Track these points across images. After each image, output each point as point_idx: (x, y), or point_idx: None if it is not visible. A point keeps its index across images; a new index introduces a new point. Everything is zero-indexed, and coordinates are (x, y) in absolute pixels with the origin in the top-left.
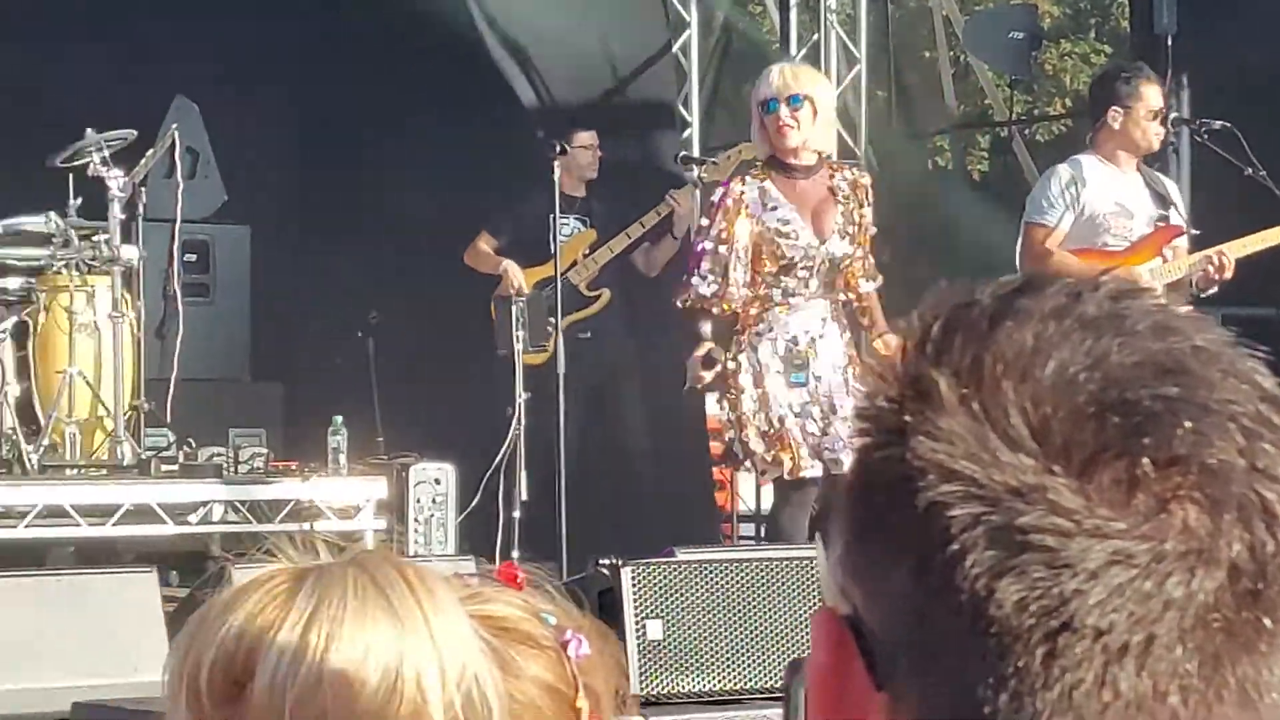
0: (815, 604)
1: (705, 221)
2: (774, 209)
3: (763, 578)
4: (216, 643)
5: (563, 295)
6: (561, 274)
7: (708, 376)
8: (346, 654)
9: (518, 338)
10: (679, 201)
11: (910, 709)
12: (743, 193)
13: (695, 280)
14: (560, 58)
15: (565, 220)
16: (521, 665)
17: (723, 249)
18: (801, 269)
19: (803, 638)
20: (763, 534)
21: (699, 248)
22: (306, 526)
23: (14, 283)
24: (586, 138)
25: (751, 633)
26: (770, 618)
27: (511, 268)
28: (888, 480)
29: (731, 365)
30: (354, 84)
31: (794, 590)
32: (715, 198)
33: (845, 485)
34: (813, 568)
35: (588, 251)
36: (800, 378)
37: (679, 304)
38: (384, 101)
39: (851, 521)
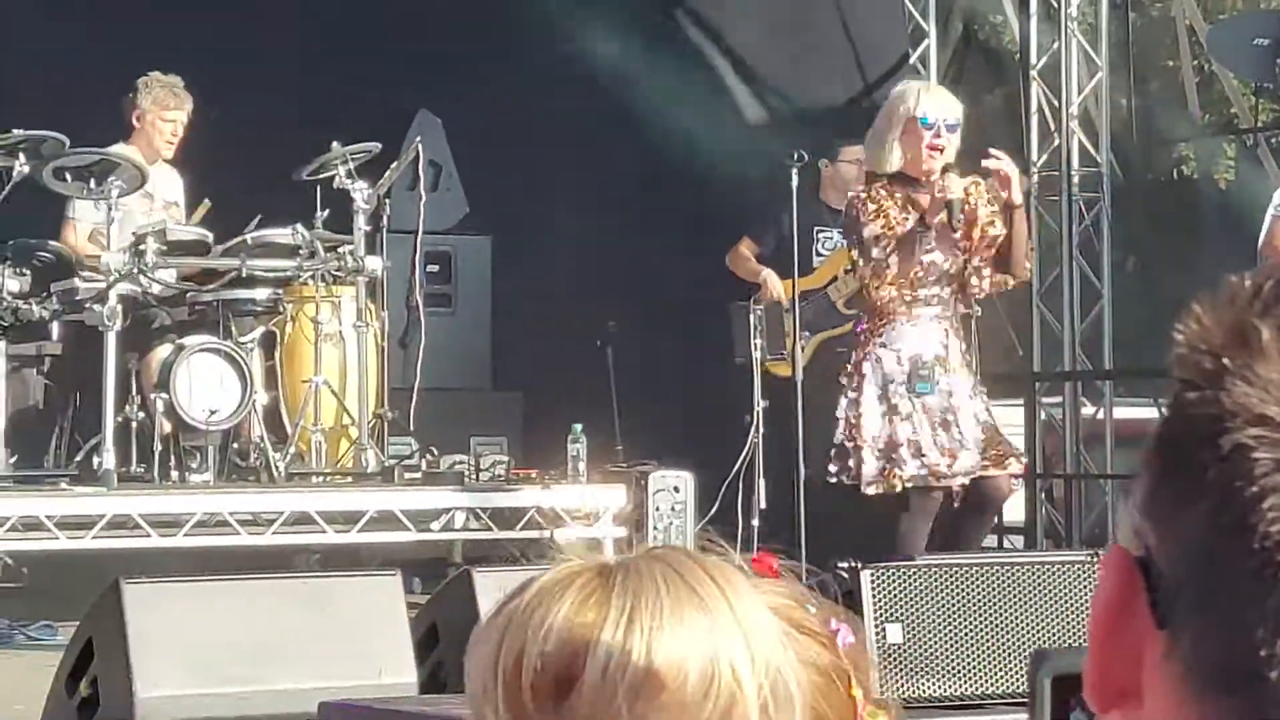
0: (1056, 609)
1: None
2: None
3: (1004, 581)
4: (537, 641)
5: (819, 311)
6: (822, 288)
7: None
8: (669, 648)
9: (756, 345)
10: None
11: (1187, 648)
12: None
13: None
14: (792, 72)
15: (829, 233)
16: (807, 654)
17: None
18: (930, 282)
19: (1044, 643)
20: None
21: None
22: (547, 534)
23: (262, 294)
24: (855, 151)
25: (992, 637)
26: (1011, 622)
27: (771, 277)
28: (1197, 422)
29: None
30: (596, 95)
31: (1036, 594)
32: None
33: (1156, 428)
34: (1056, 572)
35: (849, 268)
36: (925, 387)
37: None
38: (628, 110)
39: (1157, 461)
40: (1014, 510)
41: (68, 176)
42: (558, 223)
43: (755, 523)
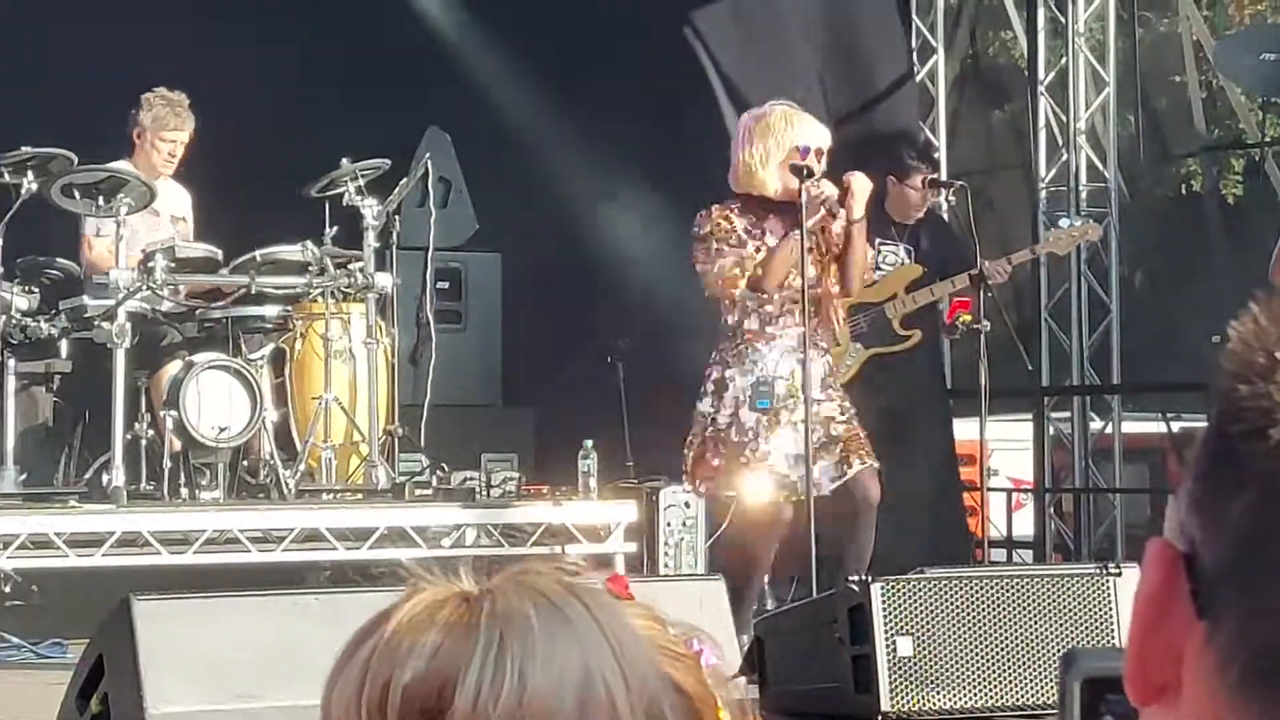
0: (1066, 621)
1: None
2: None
3: (1014, 594)
4: (406, 673)
5: (875, 326)
6: (880, 303)
7: None
8: (542, 678)
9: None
10: (1000, 272)
11: (1226, 638)
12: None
13: None
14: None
15: (893, 247)
16: (677, 677)
17: None
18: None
19: (1054, 655)
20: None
21: None
22: (558, 549)
23: (272, 310)
24: (919, 180)
25: (1003, 650)
26: (1022, 634)
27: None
28: (1248, 414)
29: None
30: (604, 116)
31: (1046, 607)
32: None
33: (1207, 423)
34: (1065, 584)
35: (909, 287)
36: (764, 404)
37: None
38: (637, 130)
39: (1205, 454)
40: (1023, 524)
41: (76, 194)
42: (567, 239)
43: None
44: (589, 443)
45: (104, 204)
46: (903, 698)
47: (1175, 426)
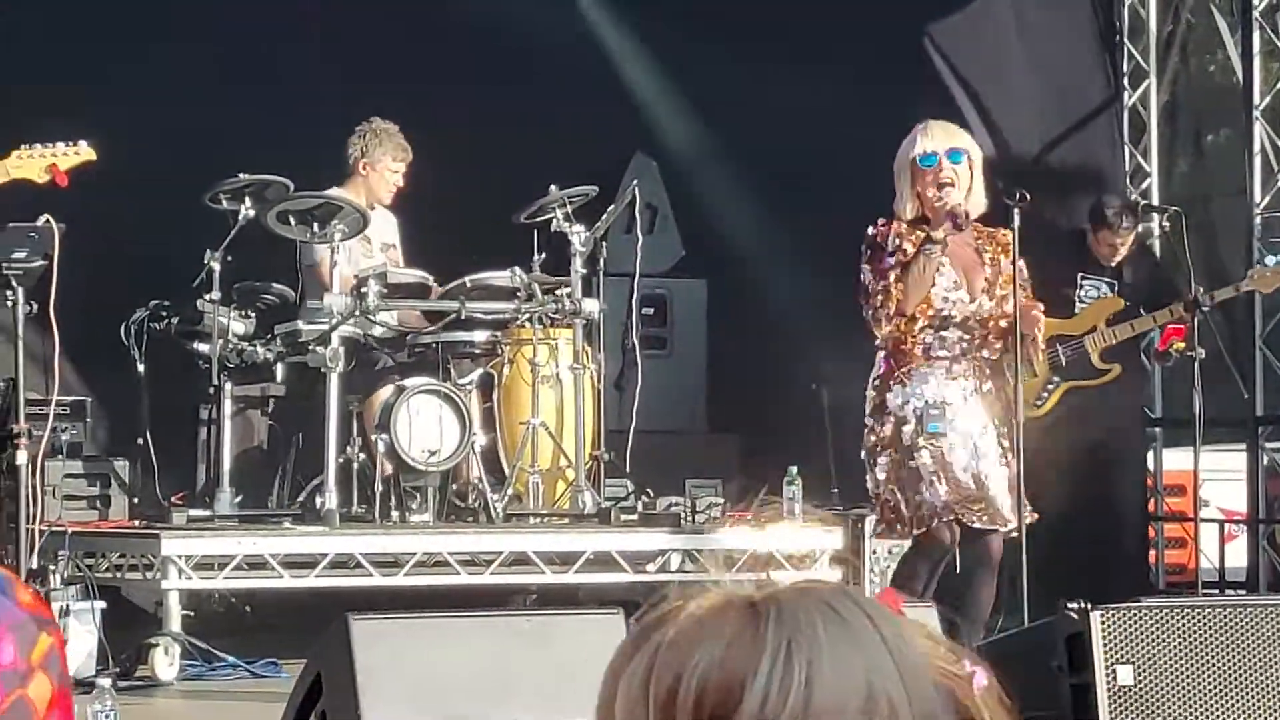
0: None
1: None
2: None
3: (1238, 624)
4: (694, 675)
5: (1074, 359)
6: (1079, 336)
7: None
8: (828, 688)
9: None
10: (1188, 313)
11: None
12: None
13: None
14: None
15: (1095, 281)
16: (955, 697)
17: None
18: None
19: (1276, 686)
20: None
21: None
22: (763, 576)
23: (480, 336)
24: (1132, 223)
25: (1226, 682)
26: (1246, 667)
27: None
28: None
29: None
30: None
31: (1267, 638)
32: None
33: None
34: None
35: (1111, 320)
36: (935, 427)
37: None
38: (839, 152)
39: None
40: (1235, 556)
41: (291, 220)
42: (773, 265)
43: None
44: (794, 469)
45: (318, 230)
46: None
47: None
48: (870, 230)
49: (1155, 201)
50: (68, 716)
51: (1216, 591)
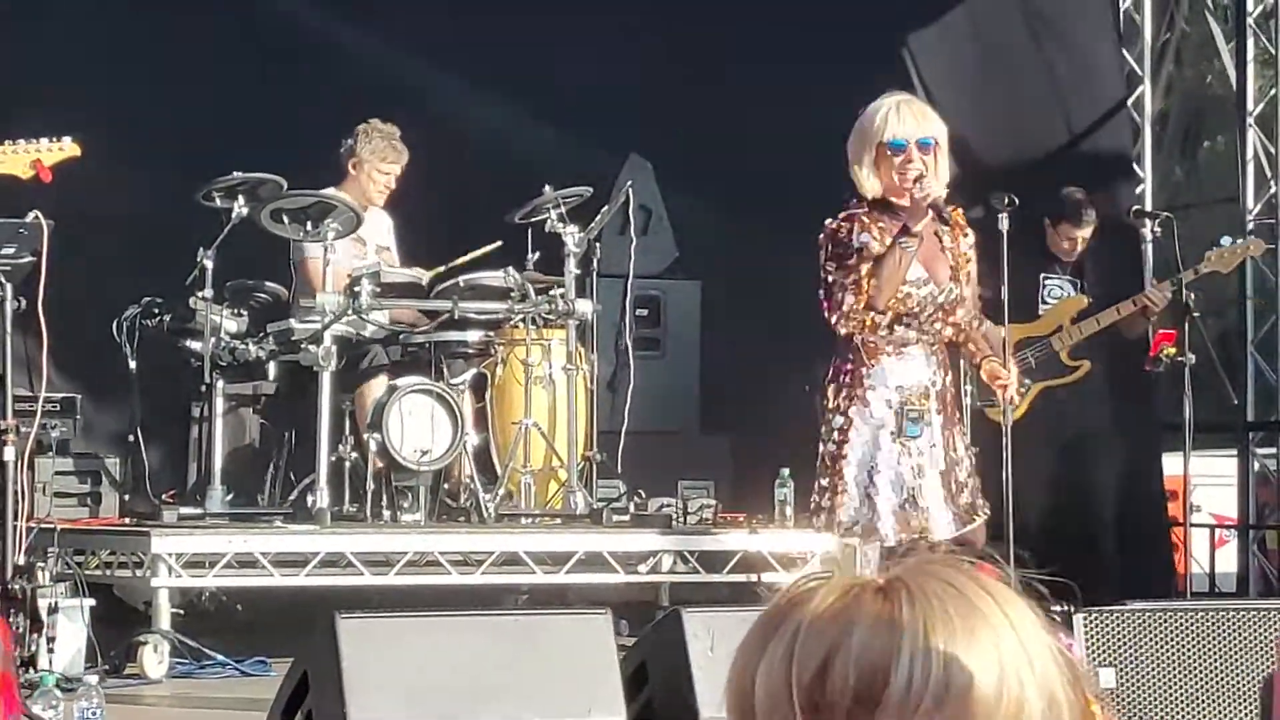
0: (1270, 657)
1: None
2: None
3: (1220, 629)
4: (841, 659)
5: (1043, 359)
6: (1045, 336)
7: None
8: (963, 663)
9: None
10: (1153, 300)
11: None
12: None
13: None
14: (1009, 112)
15: (1058, 281)
16: (1068, 671)
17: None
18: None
19: (1257, 690)
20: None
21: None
22: (754, 578)
23: (474, 336)
24: (1093, 216)
25: (1206, 685)
26: (1225, 670)
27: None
28: None
29: (841, 422)
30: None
31: (1250, 643)
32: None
33: None
34: (1270, 621)
35: (1075, 318)
36: (915, 430)
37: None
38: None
39: None
40: (1225, 561)
41: (285, 218)
42: (766, 267)
43: None
44: (786, 471)
45: (312, 229)
46: None
47: None
48: (830, 223)
49: (1148, 207)
50: (11, 702)
51: (1205, 597)
